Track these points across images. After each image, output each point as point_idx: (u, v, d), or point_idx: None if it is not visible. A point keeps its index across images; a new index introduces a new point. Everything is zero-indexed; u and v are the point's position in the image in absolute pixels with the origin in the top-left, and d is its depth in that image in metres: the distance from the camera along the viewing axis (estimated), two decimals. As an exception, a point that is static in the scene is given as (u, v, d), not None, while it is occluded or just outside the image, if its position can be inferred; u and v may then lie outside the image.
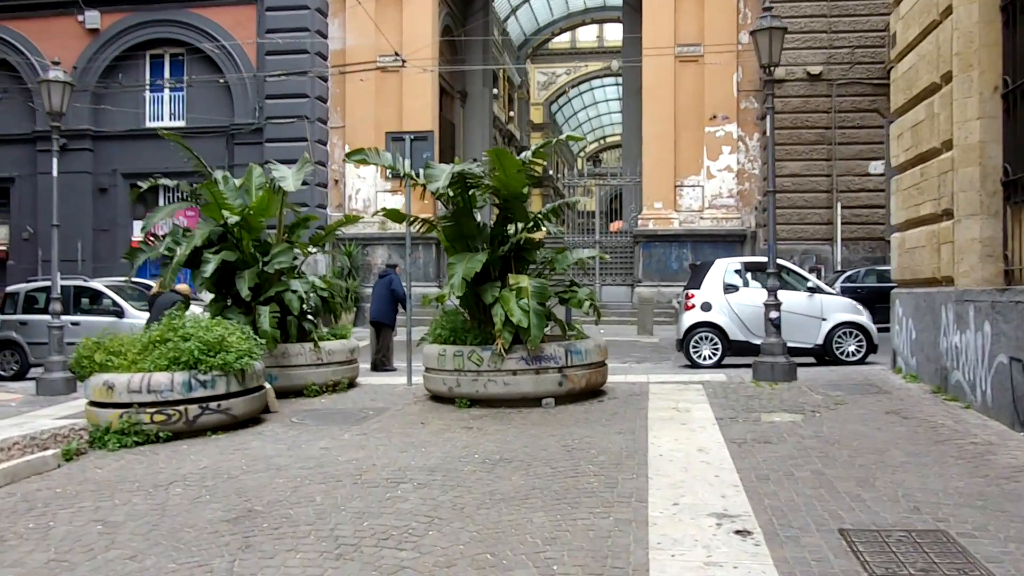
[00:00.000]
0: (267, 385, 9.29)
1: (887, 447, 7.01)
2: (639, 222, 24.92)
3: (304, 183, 11.90)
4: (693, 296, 12.92)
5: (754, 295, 12.81)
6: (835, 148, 23.05)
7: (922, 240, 10.03)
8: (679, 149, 24.49)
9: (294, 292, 10.40)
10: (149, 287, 15.04)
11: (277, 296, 10.41)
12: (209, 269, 9.87)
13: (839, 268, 22.06)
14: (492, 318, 9.14)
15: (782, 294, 11.95)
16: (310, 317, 11.21)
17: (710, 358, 12.71)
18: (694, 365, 12.77)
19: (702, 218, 24.48)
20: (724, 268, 13.05)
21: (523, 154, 9.61)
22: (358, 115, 25.52)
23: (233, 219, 10.31)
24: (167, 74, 25.98)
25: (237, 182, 11.34)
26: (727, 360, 12.85)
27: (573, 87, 55.63)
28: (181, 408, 8.10)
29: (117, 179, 25.61)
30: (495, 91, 38.07)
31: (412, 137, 11.25)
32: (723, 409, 8.98)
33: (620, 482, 6.15)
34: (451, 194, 9.30)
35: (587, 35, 51.22)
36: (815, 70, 23.06)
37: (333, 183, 26.09)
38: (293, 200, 13.98)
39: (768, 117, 11.24)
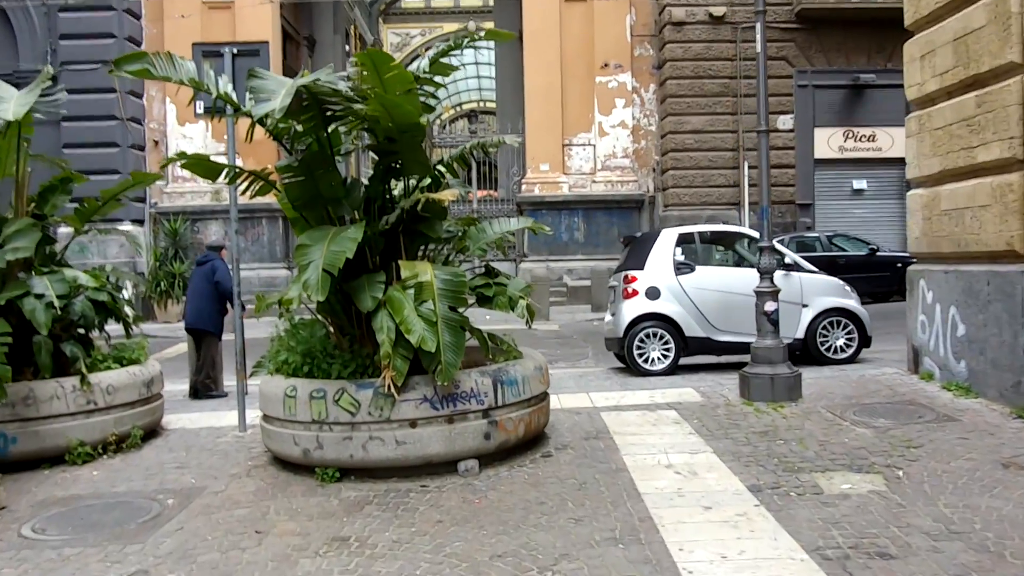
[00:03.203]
0: (-22, 466, 5.32)
1: (1103, 559, 3.95)
2: (523, 187, 21.54)
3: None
4: (636, 279, 9.59)
5: (715, 276, 9.68)
6: (741, 101, 20.42)
7: (980, 197, 7.10)
8: (567, 103, 21.23)
9: (39, 297, 6.32)
10: None
11: (11, 305, 6.34)
12: None
13: (751, 236, 19.52)
14: (375, 334, 5.49)
15: (748, 273, 8.90)
16: (80, 331, 7.14)
17: (660, 361, 9.47)
18: (637, 371, 9.51)
19: (594, 181, 21.36)
20: (673, 241, 9.79)
21: (415, 64, 5.98)
22: (180, 61, 20.74)
23: (-76, 178, 6.15)
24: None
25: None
26: (681, 362, 9.68)
27: (428, 49, 51.77)
28: None
29: None
30: (347, 48, 33.55)
31: (235, 51, 7.27)
32: (743, 464, 5.75)
33: None
34: (299, 129, 5.51)
35: (443, -8, 47.28)
36: (718, 11, 20.28)
37: (152, 145, 21.29)
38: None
39: (759, 36, 7.96)
